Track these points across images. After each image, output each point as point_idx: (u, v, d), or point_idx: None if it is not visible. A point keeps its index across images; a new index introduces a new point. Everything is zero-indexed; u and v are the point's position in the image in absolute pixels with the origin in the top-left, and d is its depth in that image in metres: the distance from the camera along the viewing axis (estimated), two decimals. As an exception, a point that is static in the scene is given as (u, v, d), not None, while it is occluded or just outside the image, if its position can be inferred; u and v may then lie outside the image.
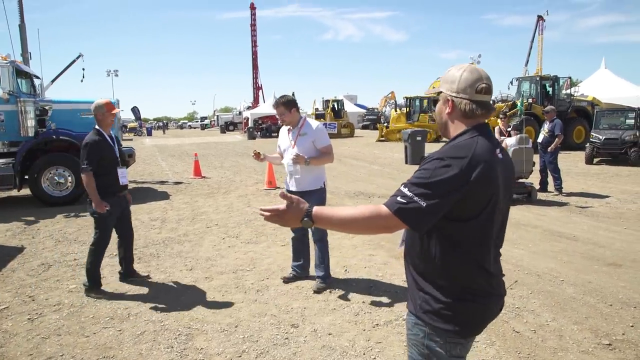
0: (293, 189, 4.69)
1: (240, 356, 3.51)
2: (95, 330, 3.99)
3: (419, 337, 1.87)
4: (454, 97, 1.85)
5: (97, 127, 4.91)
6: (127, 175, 5.06)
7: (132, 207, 8.96)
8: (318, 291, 4.70)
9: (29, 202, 10.07)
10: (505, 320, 4.02)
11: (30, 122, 9.59)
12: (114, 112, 4.92)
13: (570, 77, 21.37)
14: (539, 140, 10.14)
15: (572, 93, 21.29)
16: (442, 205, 1.67)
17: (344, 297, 4.56)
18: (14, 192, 10.41)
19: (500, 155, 1.82)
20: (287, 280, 4.99)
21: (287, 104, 4.64)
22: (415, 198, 1.67)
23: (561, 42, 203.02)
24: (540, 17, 44.93)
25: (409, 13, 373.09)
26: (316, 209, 1.82)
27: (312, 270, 5.08)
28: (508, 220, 1.96)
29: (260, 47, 51.10)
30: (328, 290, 4.72)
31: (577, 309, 4.23)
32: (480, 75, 1.82)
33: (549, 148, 9.84)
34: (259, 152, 4.86)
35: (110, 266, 5.67)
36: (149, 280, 5.22)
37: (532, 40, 45.11)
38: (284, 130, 4.86)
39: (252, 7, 52.10)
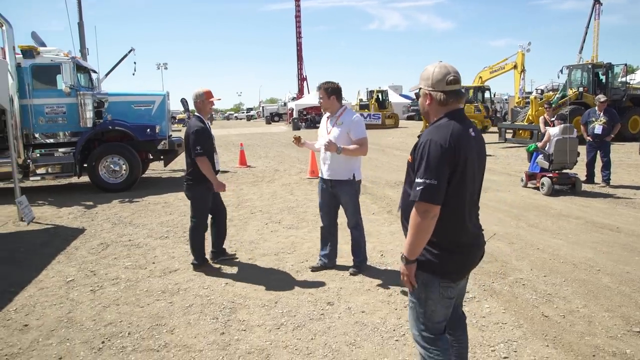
0: (325, 176, 4.89)
1: (278, 328, 3.80)
2: (149, 302, 4.39)
3: (418, 284, 2.35)
4: (431, 91, 2.31)
5: (197, 114, 5.20)
6: (219, 161, 5.39)
7: (182, 194, 9.45)
8: (354, 274, 4.92)
9: (88, 189, 10.78)
10: (535, 305, 4.12)
11: (89, 114, 10.24)
12: (211, 100, 5.19)
13: (626, 64, 20.49)
14: (596, 131, 9.79)
15: (628, 81, 20.45)
16: (445, 173, 2.16)
17: (378, 279, 4.77)
18: (74, 179, 11.13)
19: (473, 133, 2.31)
20: (315, 269, 5.12)
21: (327, 90, 4.76)
22: (427, 180, 2.14)
23: (619, 27, 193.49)
24: (596, 1, 43.04)
25: (456, 0, 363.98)
26: (405, 251, 2.29)
27: (339, 261, 5.25)
28: (546, 209, 2.29)
29: (304, 38, 51.21)
30: (363, 273, 4.94)
31: (610, 298, 4.27)
32: (448, 70, 2.28)
33: (608, 137, 9.64)
34: (299, 137, 5.00)
35: (161, 247, 6.09)
36: (236, 259, 5.57)
37: (588, 25, 43.32)
38: (324, 118, 5.01)
39: (297, -2, 52.29)
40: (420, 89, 2.38)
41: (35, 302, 4.47)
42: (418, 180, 2.17)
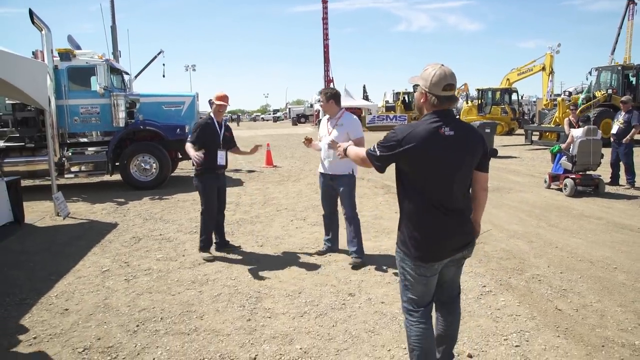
0: (326, 171, 5.37)
1: (302, 316, 4.02)
2: (179, 291, 4.66)
3: (397, 260, 2.78)
4: (427, 92, 2.54)
5: (211, 113, 5.79)
6: (224, 157, 5.76)
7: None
8: (356, 267, 5.19)
9: (119, 186, 11.21)
10: (550, 299, 4.24)
11: (122, 114, 10.66)
12: (216, 102, 5.68)
13: (658, 66, 20.08)
14: (613, 131, 9.84)
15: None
16: (388, 156, 2.57)
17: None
18: (107, 177, 11.59)
19: (450, 132, 2.49)
20: (321, 253, 5.67)
21: (327, 94, 5.30)
22: (376, 149, 2.63)
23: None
24: (631, 1, 42.04)
25: (485, 1, 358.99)
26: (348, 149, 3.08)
27: (342, 245, 5.72)
28: (568, 209, 2.51)
29: (331, 39, 51.17)
30: (384, 266, 5.13)
31: (625, 294, 4.35)
32: (446, 76, 2.49)
33: (624, 139, 9.57)
34: (311, 138, 5.40)
35: (191, 241, 6.39)
36: (240, 250, 6.00)
37: (620, 26, 42.33)
38: (324, 120, 5.48)
39: (324, 1, 52.43)
40: (418, 85, 2.60)
41: (74, 289, 4.79)
42: (375, 144, 2.65)
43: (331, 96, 5.26)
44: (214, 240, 5.91)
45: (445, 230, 2.59)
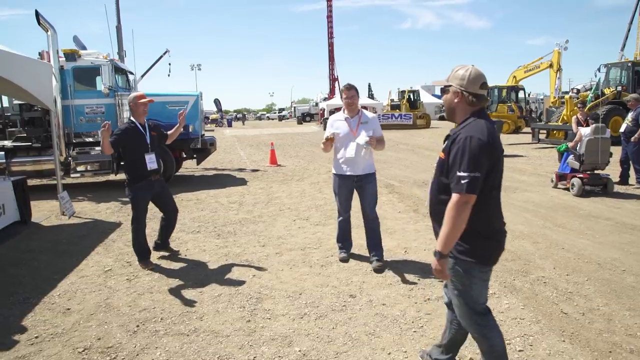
0: (352, 173, 5.04)
1: (302, 317, 3.98)
2: (180, 291, 4.63)
3: (459, 272, 2.53)
4: (463, 90, 2.52)
5: (131, 117, 5.43)
6: (155, 161, 5.41)
7: (214, 192, 9.76)
8: (380, 269, 5.02)
9: (124, 186, 11.17)
10: (555, 302, 4.17)
11: (126, 114, 10.65)
12: (141, 101, 5.32)
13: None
14: (622, 129, 9.75)
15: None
16: (485, 166, 2.36)
17: (400, 275, 4.88)
18: (112, 177, 11.60)
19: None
20: (345, 260, 5.38)
21: (357, 91, 5.13)
22: (472, 174, 2.31)
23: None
24: (642, -5, 41.53)
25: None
26: (439, 247, 2.42)
27: (360, 252, 5.59)
28: (575, 209, 2.56)
29: (336, 38, 51.39)
30: (387, 268, 5.07)
31: (633, 297, 4.27)
32: (481, 75, 2.53)
33: (633, 138, 9.44)
34: (333, 138, 5.01)
35: (193, 241, 6.36)
36: (179, 255, 5.80)
37: (631, 21, 41.76)
38: (336, 118, 5.19)
39: (329, -1, 52.31)
40: (450, 85, 2.57)
41: (76, 289, 4.78)
42: (462, 174, 2.32)
43: (357, 91, 5.13)
44: (155, 240, 5.78)
45: (504, 229, 2.62)
